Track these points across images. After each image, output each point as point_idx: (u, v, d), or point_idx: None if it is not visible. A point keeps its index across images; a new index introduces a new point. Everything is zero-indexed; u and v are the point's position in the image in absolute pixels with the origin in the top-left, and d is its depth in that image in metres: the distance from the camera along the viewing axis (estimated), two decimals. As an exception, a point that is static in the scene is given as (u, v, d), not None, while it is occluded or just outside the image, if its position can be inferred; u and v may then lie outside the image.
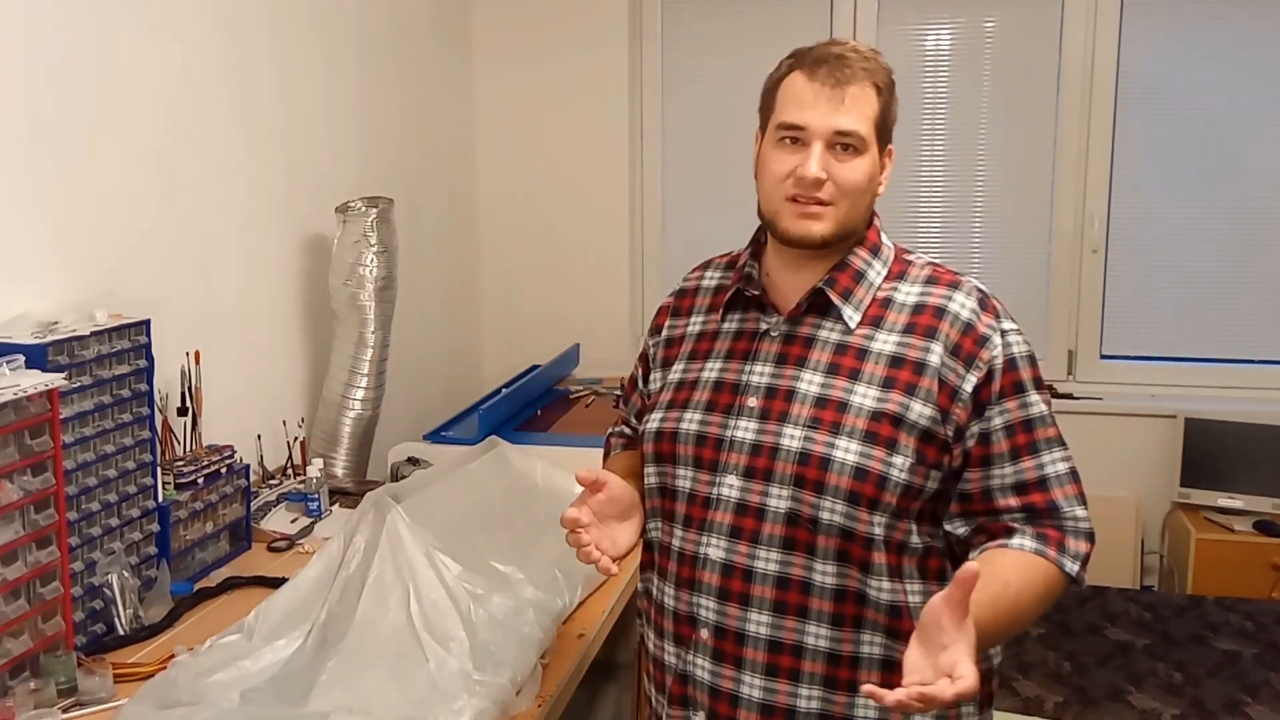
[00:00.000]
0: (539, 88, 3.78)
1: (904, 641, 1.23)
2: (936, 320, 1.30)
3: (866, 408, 1.27)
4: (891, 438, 1.26)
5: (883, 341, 1.31)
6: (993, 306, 1.32)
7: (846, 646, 1.29)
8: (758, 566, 1.29)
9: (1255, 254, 3.53)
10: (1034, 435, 1.28)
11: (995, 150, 3.66)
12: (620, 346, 3.84)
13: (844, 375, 1.30)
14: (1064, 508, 1.28)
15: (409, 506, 1.63)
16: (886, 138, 1.34)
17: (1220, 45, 3.47)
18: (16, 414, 1.49)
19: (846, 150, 1.29)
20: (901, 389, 1.28)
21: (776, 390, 1.32)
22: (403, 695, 1.43)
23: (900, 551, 1.29)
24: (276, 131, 2.54)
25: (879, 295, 1.34)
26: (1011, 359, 1.29)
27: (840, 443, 1.27)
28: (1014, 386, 1.28)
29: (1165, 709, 2.55)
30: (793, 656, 1.29)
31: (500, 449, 2.06)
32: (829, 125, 1.28)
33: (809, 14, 3.70)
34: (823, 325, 1.34)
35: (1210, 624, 2.99)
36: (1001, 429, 1.28)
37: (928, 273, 1.36)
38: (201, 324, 2.23)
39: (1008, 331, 1.30)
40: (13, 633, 1.50)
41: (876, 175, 1.33)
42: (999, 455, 1.28)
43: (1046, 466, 1.28)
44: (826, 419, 1.28)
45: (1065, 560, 1.26)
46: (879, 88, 1.30)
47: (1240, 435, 3.37)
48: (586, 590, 1.88)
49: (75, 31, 1.90)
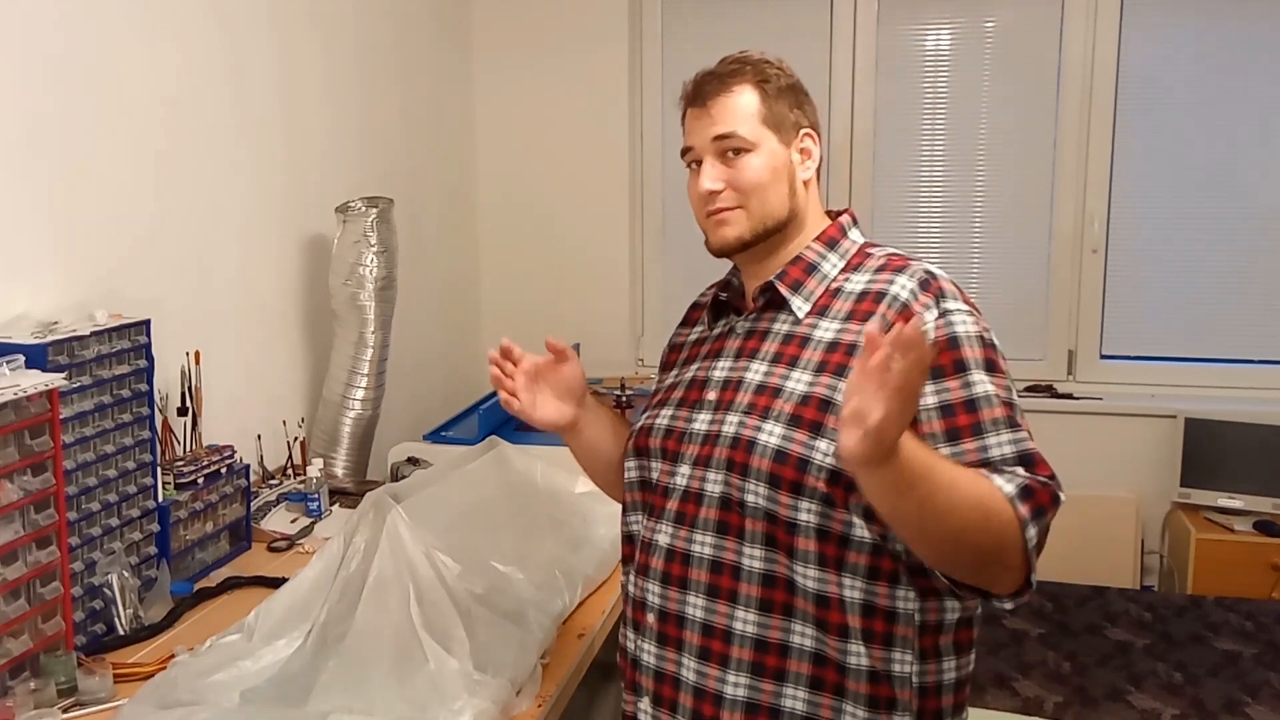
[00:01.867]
0: (539, 88, 3.78)
1: (834, 635, 1.24)
2: (875, 304, 1.29)
3: (798, 392, 1.28)
4: (816, 420, 1.25)
5: (824, 329, 1.32)
6: (936, 287, 1.28)
7: (774, 634, 1.27)
8: (694, 550, 1.32)
9: (1255, 254, 3.53)
10: (978, 415, 1.21)
11: (995, 150, 3.66)
12: (620, 346, 3.84)
13: (784, 363, 1.32)
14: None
15: (409, 506, 1.63)
16: (790, 126, 1.36)
17: (1220, 45, 3.47)
18: (16, 414, 1.49)
19: (735, 154, 1.34)
20: (831, 372, 1.27)
21: (729, 382, 1.36)
22: (403, 695, 1.43)
23: (841, 545, 1.24)
24: (276, 131, 2.54)
25: (832, 286, 1.35)
26: (951, 337, 1.23)
27: (766, 426, 1.27)
28: (954, 365, 1.22)
29: (1165, 709, 2.55)
30: (723, 642, 1.29)
31: (500, 449, 2.06)
32: (707, 137, 1.35)
33: (809, 14, 3.70)
34: (777, 318, 1.37)
35: (1210, 624, 2.99)
36: (936, 408, 1.21)
37: (881, 262, 1.36)
38: (201, 324, 2.23)
39: (950, 311, 1.25)
40: (13, 633, 1.50)
41: (784, 164, 1.35)
42: (932, 435, 1.20)
43: (991, 449, 1.19)
44: (760, 404, 1.30)
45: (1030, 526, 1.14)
46: (760, 83, 1.35)
47: (1240, 435, 3.37)
48: (586, 590, 1.88)
49: (75, 31, 1.90)
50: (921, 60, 3.68)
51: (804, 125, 1.38)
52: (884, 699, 1.25)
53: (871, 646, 1.25)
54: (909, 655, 1.26)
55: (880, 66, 3.68)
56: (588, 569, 1.90)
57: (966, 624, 1.31)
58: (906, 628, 1.26)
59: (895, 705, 1.26)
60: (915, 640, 1.26)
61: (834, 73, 3.69)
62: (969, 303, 1.29)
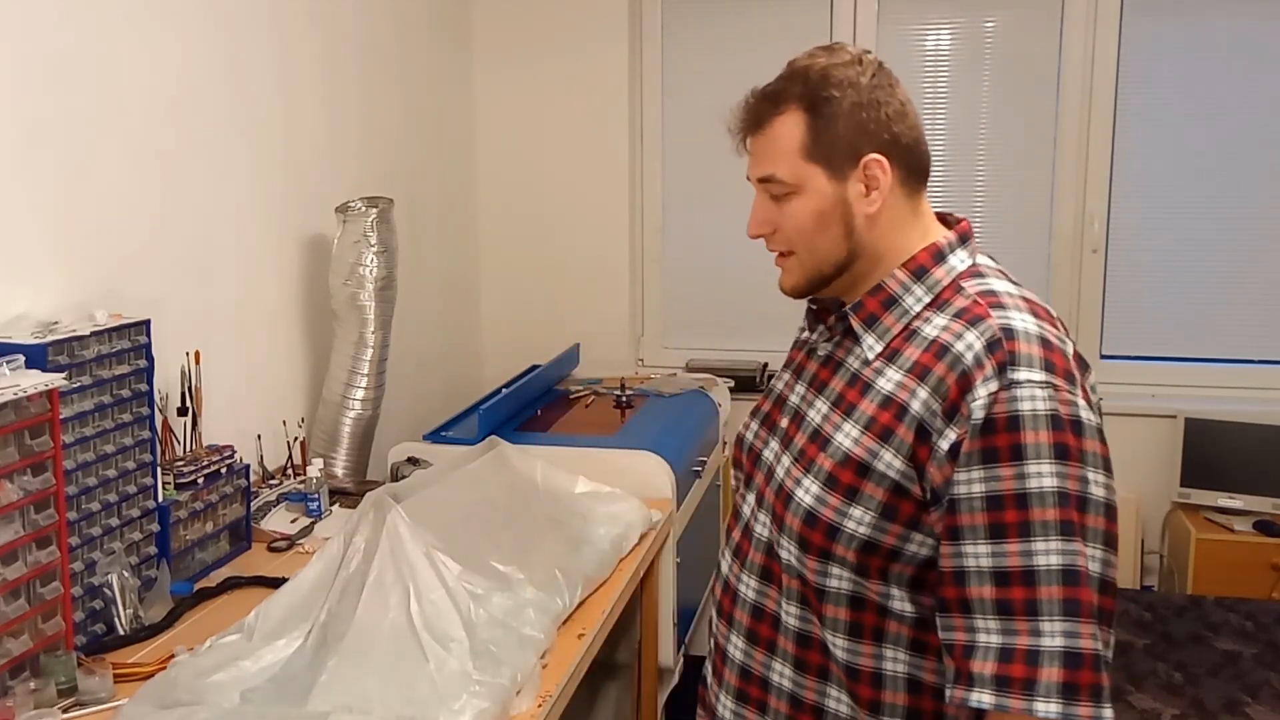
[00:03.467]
0: (539, 88, 3.78)
1: (865, 710, 1.15)
2: (936, 361, 1.11)
3: (842, 448, 1.15)
4: (853, 485, 1.12)
5: (887, 378, 1.15)
6: (1009, 350, 1.07)
7: (810, 695, 1.20)
8: (741, 590, 1.28)
9: (1255, 254, 3.53)
10: (1028, 514, 1.02)
11: (995, 151, 3.66)
12: (620, 346, 3.84)
13: (841, 409, 1.18)
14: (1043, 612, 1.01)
15: (409, 506, 1.63)
16: (845, 155, 1.17)
17: (1220, 45, 3.47)
18: (16, 414, 1.49)
19: (781, 196, 1.20)
20: (877, 434, 1.12)
21: (799, 414, 1.25)
22: (403, 695, 1.43)
23: (880, 614, 1.14)
24: (277, 132, 2.54)
25: (911, 325, 1.17)
26: (1014, 416, 1.04)
27: (805, 481, 1.17)
28: (1011, 450, 1.03)
29: (1165, 709, 2.55)
30: (760, 689, 1.24)
31: (500, 449, 2.06)
32: (753, 176, 1.22)
33: (809, 14, 3.70)
34: (852, 350, 1.22)
35: (1210, 624, 2.99)
36: (981, 497, 1.04)
37: (967, 304, 1.15)
38: (201, 324, 2.23)
39: (1018, 383, 1.05)
40: (13, 633, 1.50)
41: (833, 205, 1.18)
42: (970, 529, 1.04)
43: (1038, 556, 1.01)
44: (808, 454, 1.19)
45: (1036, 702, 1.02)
46: (809, 107, 1.17)
47: (1240, 435, 3.37)
48: (586, 590, 1.88)
49: (75, 31, 1.90)
50: (921, 60, 3.68)
51: (868, 150, 1.17)
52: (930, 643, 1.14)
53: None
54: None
55: (880, 66, 3.67)
56: (588, 569, 1.91)
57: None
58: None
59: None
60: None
61: (834, 73, 3.69)
62: (1054, 370, 1.07)
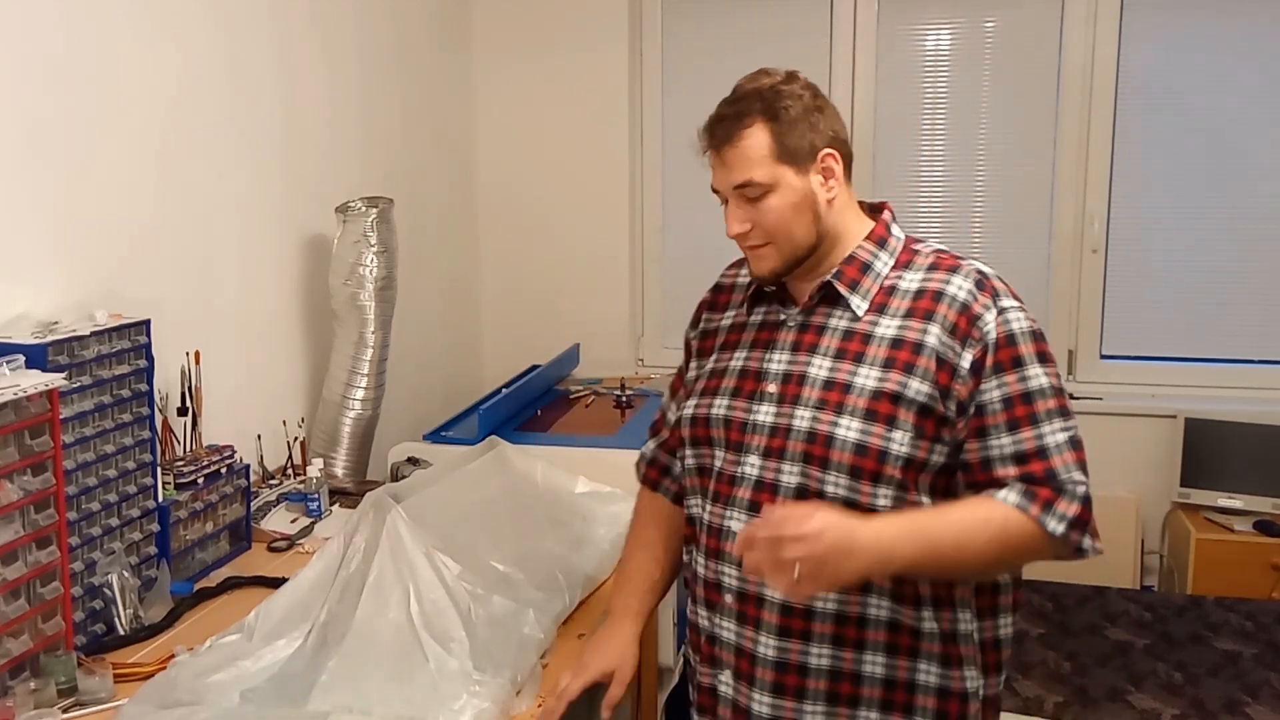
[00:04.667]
0: (539, 87, 3.78)
1: (908, 604, 1.36)
2: (935, 303, 1.38)
3: (868, 388, 1.36)
4: (891, 414, 1.34)
5: (885, 326, 1.39)
6: (991, 286, 1.38)
7: (853, 608, 1.36)
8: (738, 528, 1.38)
9: (1255, 254, 3.53)
10: (1034, 407, 1.34)
11: (995, 150, 3.66)
12: (620, 346, 3.84)
13: (849, 359, 1.39)
14: (1060, 473, 1.32)
15: (409, 506, 1.63)
16: (806, 153, 1.39)
17: (1220, 45, 3.47)
18: (16, 414, 1.49)
19: (754, 198, 1.39)
20: (900, 368, 1.35)
21: (791, 375, 1.42)
22: (403, 695, 1.44)
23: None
24: (276, 132, 2.54)
25: (885, 284, 1.42)
26: (1010, 334, 1.35)
27: (843, 421, 1.35)
28: (1012, 361, 1.34)
29: (1165, 709, 2.55)
30: (803, 619, 1.37)
31: (500, 449, 2.06)
32: (728, 184, 1.42)
33: (809, 14, 3.70)
34: (833, 314, 1.43)
35: (1210, 624, 2.99)
36: (999, 400, 1.33)
37: (931, 260, 1.44)
38: (201, 324, 2.23)
39: (1006, 309, 1.37)
40: (13, 633, 1.50)
41: (804, 196, 1.39)
42: (995, 426, 1.33)
43: (1046, 436, 1.33)
44: (832, 400, 1.37)
45: (1048, 519, 1.30)
46: (769, 120, 1.38)
47: (1240, 435, 3.37)
48: (586, 590, 1.88)
49: (75, 31, 1.90)
50: (921, 60, 3.68)
51: (821, 146, 1.40)
52: (954, 656, 1.39)
53: (940, 610, 1.37)
54: (969, 614, 1.39)
55: (880, 66, 3.67)
56: (588, 569, 1.90)
57: (1017, 585, 1.44)
58: (964, 590, 1.39)
59: (963, 660, 1.39)
60: (973, 601, 1.39)
61: (834, 73, 3.69)
62: (1018, 299, 1.40)
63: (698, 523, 1.49)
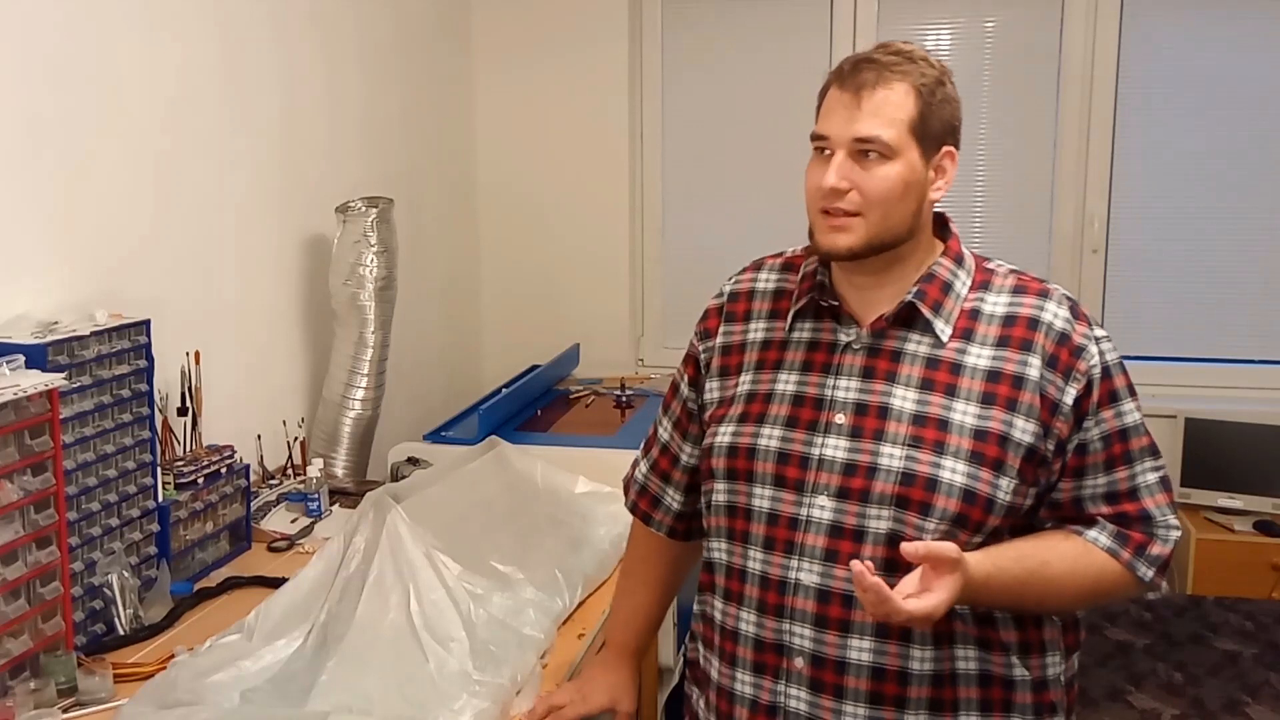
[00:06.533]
0: (539, 87, 3.77)
1: (997, 652, 1.28)
2: (1031, 332, 1.27)
3: (968, 425, 1.24)
4: (998, 458, 1.24)
5: (976, 355, 1.27)
6: (1084, 315, 1.30)
7: (947, 665, 1.26)
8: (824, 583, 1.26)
9: (1255, 254, 3.53)
10: (1129, 445, 1.28)
11: (995, 151, 3.66)
12: (620, 346, 3.83)
13: (939, 391, 1.26)
14: (1155, 516, 1.28)
15: (409, 506, 1.63)
16: (936, 140, 1.27)
17: (1220, 44, 3.47)
18: (16, 414, 1.49)
19: (870, 157, 1.24)
20: (1002, 405, 1.25)
21: (867, 407, 1.28)
22: (403, 695, 1.44)
23: None
24: (276, 131, 2.54)
25: (965, 306, 1.30)
26: (1106, 367, 1.27)
27: (946, 463, 1.23)
28: (1109, 396, 1.27)
29: (1165, 709, 2.55)
30: (897, 684, 1.25)
31: (500, 449, 2.06)
32: (848, 133, 1.25)
33: (809, 14, 3.69)
34: (909, 338, 1.29)
35: (1210, 624, 2.99)
36: (1099, 439, 1.27)
37: (1013, 281, 1.33)
38: (201, 324, 2.23)
39: (1101, 339, 1.29)
40: (13, 633, 1.50)
41: (918, 181, 1.27)
42: (1093, 466, 1.27)
43: (1139, 476, 1.28)
44: (928, 438, 1.25)
45: (1139, 564, 1.27)
46: (919, 89, 1.25)
47: (1240, 435, 3.37)
48: (586, 590, 1.88)
49: (75, 31, 1.90)
50: (921, 60, 3.68)
51: (949, 143, 1.29)
52: (1046, 705, 1.31)
53: (1029, 658, 1.30)
54: (1057, 657, 1.32)
55: (880, 66, 3.67)
56: (588, 569, 1.91)
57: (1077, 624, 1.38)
58: (1053, 630, 1.32)
59: (1055, 709, 1.32)
60: (1060, 641, 1.33)
61: (834, 73, 3.69)
62: (1102, 327, 1.33)
63: (731, 571, 1.33)
